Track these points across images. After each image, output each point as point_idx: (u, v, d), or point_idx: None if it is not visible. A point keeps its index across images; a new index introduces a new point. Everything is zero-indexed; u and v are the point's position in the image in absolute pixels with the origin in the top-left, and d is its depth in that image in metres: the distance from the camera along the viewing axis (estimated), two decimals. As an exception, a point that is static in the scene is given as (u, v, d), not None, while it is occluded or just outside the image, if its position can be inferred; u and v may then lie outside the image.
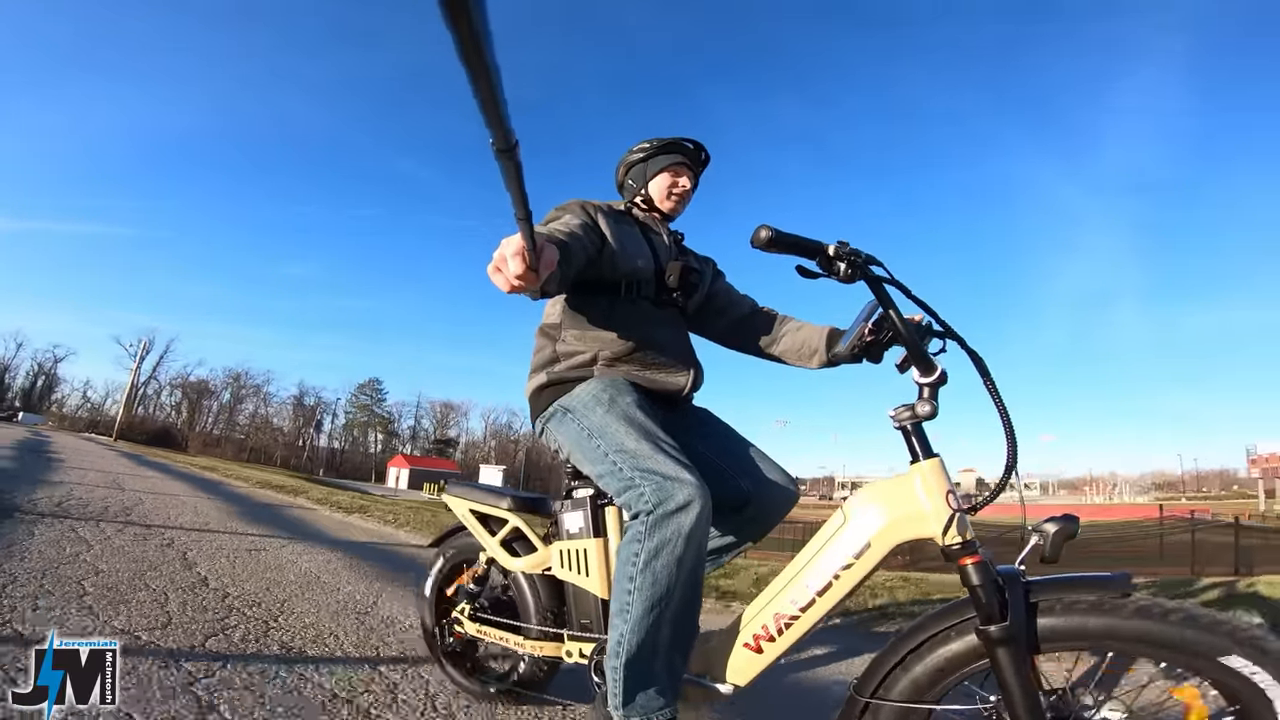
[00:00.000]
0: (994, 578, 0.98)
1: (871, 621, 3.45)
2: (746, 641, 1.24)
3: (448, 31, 0.46)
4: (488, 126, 0.60)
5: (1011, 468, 1.10)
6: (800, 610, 1.18)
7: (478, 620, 1.71)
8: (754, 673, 1.25)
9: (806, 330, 1.59)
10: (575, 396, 1.43)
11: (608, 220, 1.51)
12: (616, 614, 1.24)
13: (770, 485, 1.48)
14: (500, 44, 0.51)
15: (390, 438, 70.52)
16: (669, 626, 1.22)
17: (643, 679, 1.21)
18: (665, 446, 1.28)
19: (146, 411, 61.08)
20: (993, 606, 0.96)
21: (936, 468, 1.11)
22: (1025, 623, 0.96)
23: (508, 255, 0.97)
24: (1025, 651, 0.95)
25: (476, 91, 0.54)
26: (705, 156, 1.68)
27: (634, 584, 1.21)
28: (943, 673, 1.03)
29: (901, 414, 1.14)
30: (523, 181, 0.72)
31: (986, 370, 1.13)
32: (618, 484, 1.28)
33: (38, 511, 3.88)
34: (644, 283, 1.52)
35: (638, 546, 1.21)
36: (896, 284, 1.16)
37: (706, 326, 1.71)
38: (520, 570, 1.63)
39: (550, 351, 1.52)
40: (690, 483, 1.20)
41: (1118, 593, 0.95)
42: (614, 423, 1.34)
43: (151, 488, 7.14)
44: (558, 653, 1.55)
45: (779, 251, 1.11)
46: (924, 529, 1.08)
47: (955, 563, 1.02)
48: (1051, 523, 1.02)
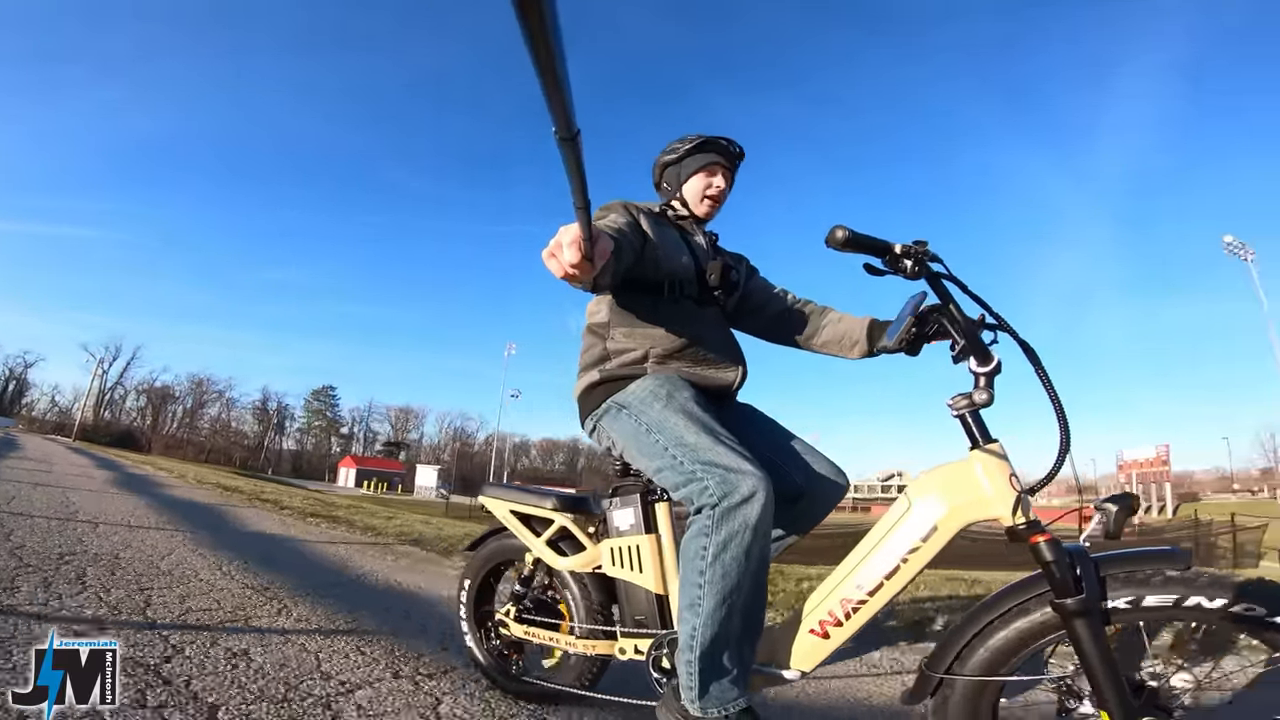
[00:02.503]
0: (1065, 554, 1.03)
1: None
2: (812, 628, 1.27)
3: (516, 21, 0.46)
4: (551, 114, 0.60)
5: (1065, 452, 1.16)
6: (868, 595, 1.22)
7: (524, 621, 1.71)
8: (819, 658, 1.28)
9: (847, 322, 1.63)
10: (631, 393, 1.45)
11: (648, 221, 1.54)
12: (687, 608, 1.25)
13: (821, 478, 1.52)
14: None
15: (346, 440, 75.25)
16: (739, 618, 1.24)
17: (717, 671, 1.23)
18: (725, 440, 1.31)
19: (113, 415, 63.90)
20: (1067, 581, 1.01)
21: (997, 452, 1.16)
22: (1099, 594, 1.01)
23: (564, 243, 0.98)
24: (1100, 622, 1.00)
25: (543, 80, 0.54)
26: (739, 151, 1.67)
27: (704, 578, 1.23)
28: (1016, 646, 1.07)
29: (959, 402, 1.20)
30: (583, 170, 0.73)
31: (1039, 360, 1.19)
32: (678, 478, 1.30)
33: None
34: (686, 282, 1.54)
35: (705, 540, 1.23)
36: (955, 280, 1.22)
37: (745, 323, 1.74)
38: (569, 569, 1.64)
39: (601, 349, 1.54)
40: (754, 474, 1.22)
41: (1180, 565, 1.01)
42: (673, 417, 1.36)
43: (72, 469, 9.95)
44: (610, 650, 1.56)
45: (853, 251, 1.16)
46: (990, 510, 1.13)
47: (1025, 542, 1.07)
48: (1112, 501, 1.08)
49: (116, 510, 5.08)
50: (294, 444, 74.49)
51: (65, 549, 3.06)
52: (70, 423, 52.04)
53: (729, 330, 1.67)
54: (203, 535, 4.33)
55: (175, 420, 66.97)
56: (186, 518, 5.38)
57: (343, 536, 5.36)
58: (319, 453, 72.11)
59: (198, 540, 4.01)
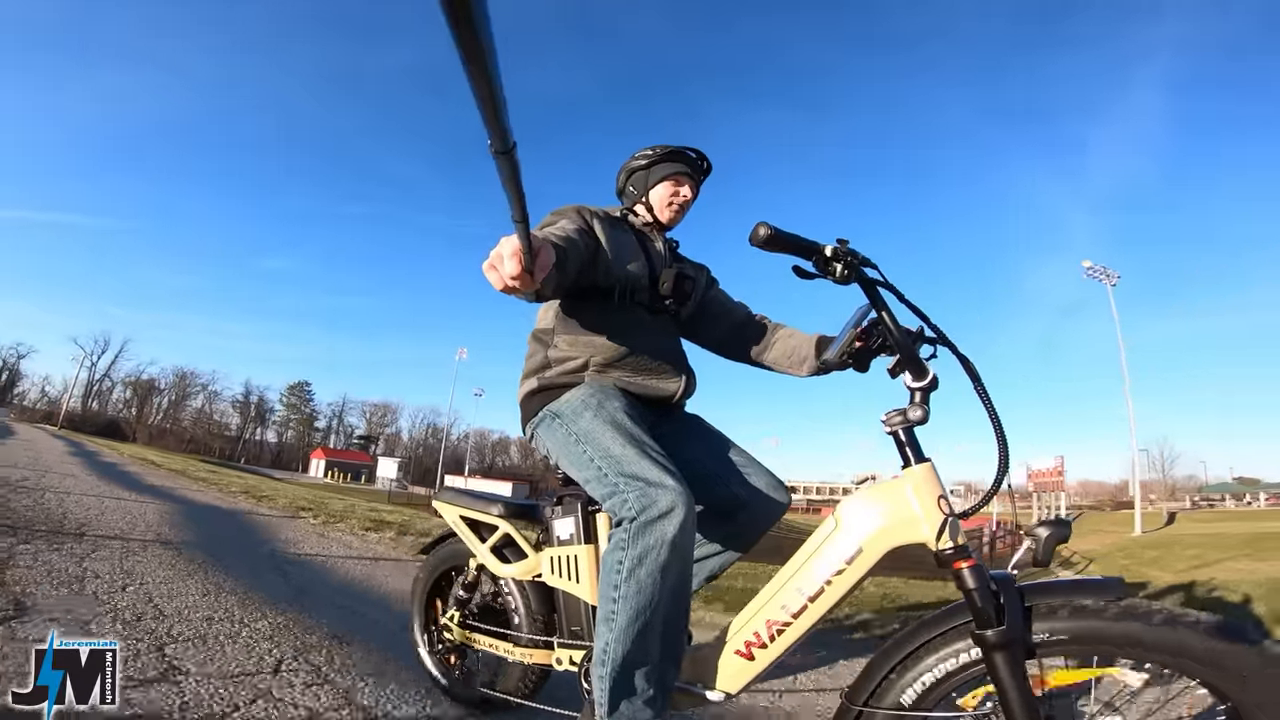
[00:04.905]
0: (988, 582, 0.98)
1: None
2: (738, 649, 1.23)
3: (448, 30, 0.46)
4: (486, 127, 0.60)
5: (1004, 473, 1.10)
6: (792, 616, 1.17)
7: (467, 627, 1.69)
8: (745, 680, 1.23)
9: (797, 338, 1.58)
10: (564, 402, 1.42)
11: (603, 226, 1.51)
12: (602, 622, 1.22)
13: (761, 492, 1.47)
14: (501, 45, 0.51)
15: (321, 434, 78.50)
16: (656, 635, 1.21)
17: (629, 688, 1.19)
18: (650, 452, 1.27)
19: (101, 406, 66.38)
20: (988, 611, 0.95)
21: (929, 472, 1.10)
22: (1022, 627, 0.95)
23: (504, 255, 0.96)
24: (1022, 656, 0.94)
25: (476, 92, 0.54)
26: (707, 166, 1.67)
27: (619, 592, 1.20)
28: (937, 679, 1.02)
29: (893, 419, 1.14)
30: (520, 183, 0.72)
31: (978, 376, 1.14)
32: (603, 490, 1.27)
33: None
34: (638, 289, 1.51)
35: (621, 554, 1.20)
36: (890, 288, 1.16)
37: (700, 334, 1.70)
38: (511, 576, 1.61)
39: (542, 357, 1.51)
40: (673, 488, 1.19)
41: (1113, 596, 0.95)
42: (601, 428, 1.33)
43: (43, 446, 13.10)
44: (547, 660, 1.53)
45: (776, 250, 1.10)
46: (917, 534, 1.07)
47: (949, 567, 1.02)
48: (1044, 527, 1.02)
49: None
50: (275, 436, 77.56)
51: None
52: (58, 412, 54.09)
53: (678, 340, 1.63)
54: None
55: (160, 412, 69.50)
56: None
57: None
58: (299, 445, 74.87)
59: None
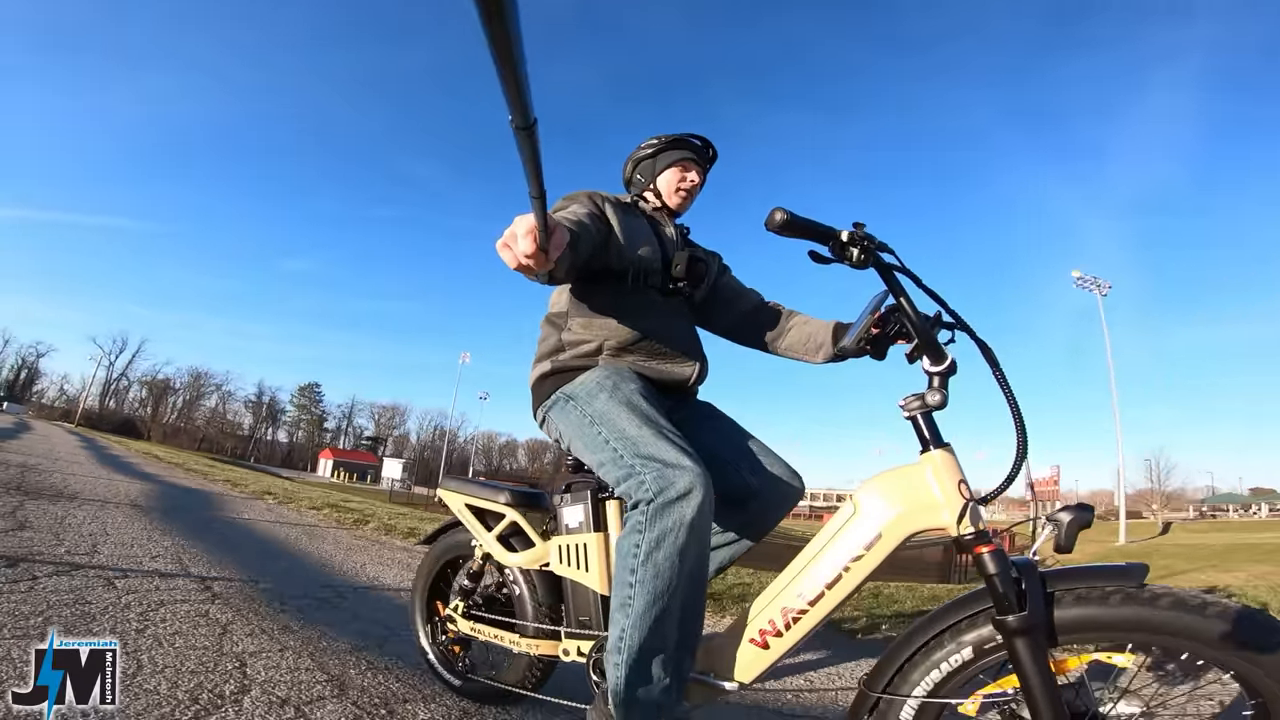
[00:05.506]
0: (1010, 567, 0.96)
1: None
2: (752, 637, 1.21)
3: (475, 7, 0.46)
4: (508, 103, 0.59)
5: (1022, 458, 1.09)
6: (808, 604, 1.15)
7: (472, 618, 1.66)
8: (760, 669, 1.22)
9: (813, 325, 1.57)
10: (579, 384, 1.41)
11: (615, 210, 1.51)
12: (618, 609, 1.20)
13: (774, 480, 1.46)
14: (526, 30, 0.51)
15: (331, 435, 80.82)
16: (673, 621, 1.19)
17: (645, 677, 1.17)
18: (667, 433, 1.26)
19: (118, 405, 68.07)
20: (1010, 596, 0.94)
21: (948, 457, 1.09)
22: (1044, 612, 0.94)
23: (519, 233, 0.95)
24: (1044, 642, 0.93)
25: (499, 66, 0.54)
26: (713, 153, 1.70)
27: (635, 577, 1.17)
28: (957, 666, 1.00)
29: (911, 403, 1.13)
30: (539, 160, 0.72)
31: (996, 360, 1.12)
32: (618, 471, 1.25)
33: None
34: (650, 272, 1.50)
35: (638, 538, 1.18)
36: (907, 272, 1.15)
37: (712, 320, 1.69)
38: (517, 566, 1.59)
39: (556, 340, 1.50)
40: (691, 469, 1.17)
41: (1134, 582, 0.94)
42: (616, 409, 1.31)
43: (58, 440, 14.48)
44: (554, 651, 1.50)
45: (792, 235, 1.09)
46: (937, 519, 1.06)
47: (970, 552, 1.00)
48: (1066, 512, 1.01)
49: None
50: (286, 436, 79.34)
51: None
52: (76, 410, 55.46)
53: (692, 325, 1.62)
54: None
55: (174, 411, 70.82)
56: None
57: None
58: (308, 445, 76.38)
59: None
